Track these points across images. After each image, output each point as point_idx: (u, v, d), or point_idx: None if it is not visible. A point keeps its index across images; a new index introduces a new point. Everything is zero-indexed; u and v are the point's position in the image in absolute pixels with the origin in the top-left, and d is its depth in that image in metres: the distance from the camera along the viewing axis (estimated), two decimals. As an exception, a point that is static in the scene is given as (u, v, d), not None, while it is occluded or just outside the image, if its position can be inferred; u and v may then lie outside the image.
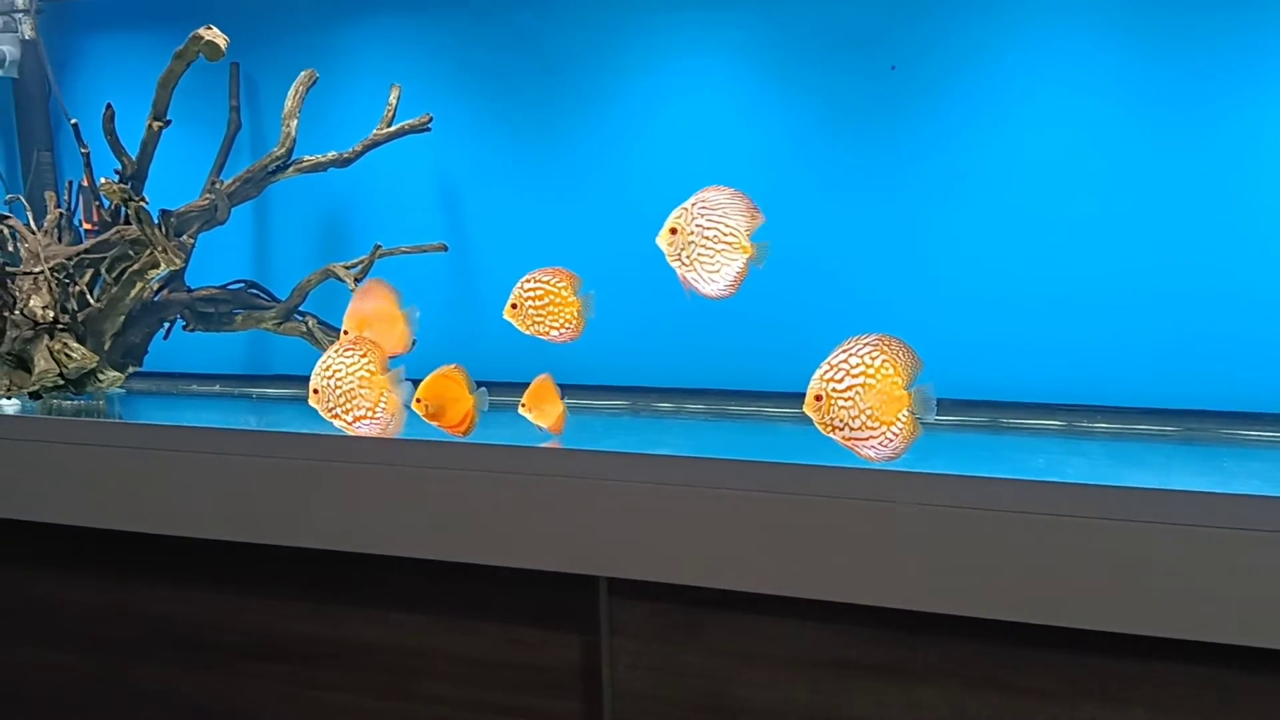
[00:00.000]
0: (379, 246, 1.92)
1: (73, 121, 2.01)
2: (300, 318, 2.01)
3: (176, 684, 1.85)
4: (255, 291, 2.08)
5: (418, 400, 1.60)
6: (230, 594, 1.78)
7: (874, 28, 1.78)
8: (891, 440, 1.39)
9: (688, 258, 1.47)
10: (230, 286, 2.07)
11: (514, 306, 1.61)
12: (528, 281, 1.60)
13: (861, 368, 1.37)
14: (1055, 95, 1.71)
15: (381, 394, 1.61)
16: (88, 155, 2.00)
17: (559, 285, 1.59)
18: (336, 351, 1.62)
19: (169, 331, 2.07)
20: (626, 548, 1.46)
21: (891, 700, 1.40)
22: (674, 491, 1.43)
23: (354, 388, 1.60)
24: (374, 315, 1.71)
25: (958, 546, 1.30)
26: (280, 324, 2.01)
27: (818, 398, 1.39)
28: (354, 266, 1.93)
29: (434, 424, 1.62)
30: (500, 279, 2.01)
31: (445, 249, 1.96)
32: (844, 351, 1.38)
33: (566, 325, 1.61)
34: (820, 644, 1.43)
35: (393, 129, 1.95)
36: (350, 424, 1.62)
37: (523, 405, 1.65)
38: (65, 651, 1.93)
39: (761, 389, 1.87)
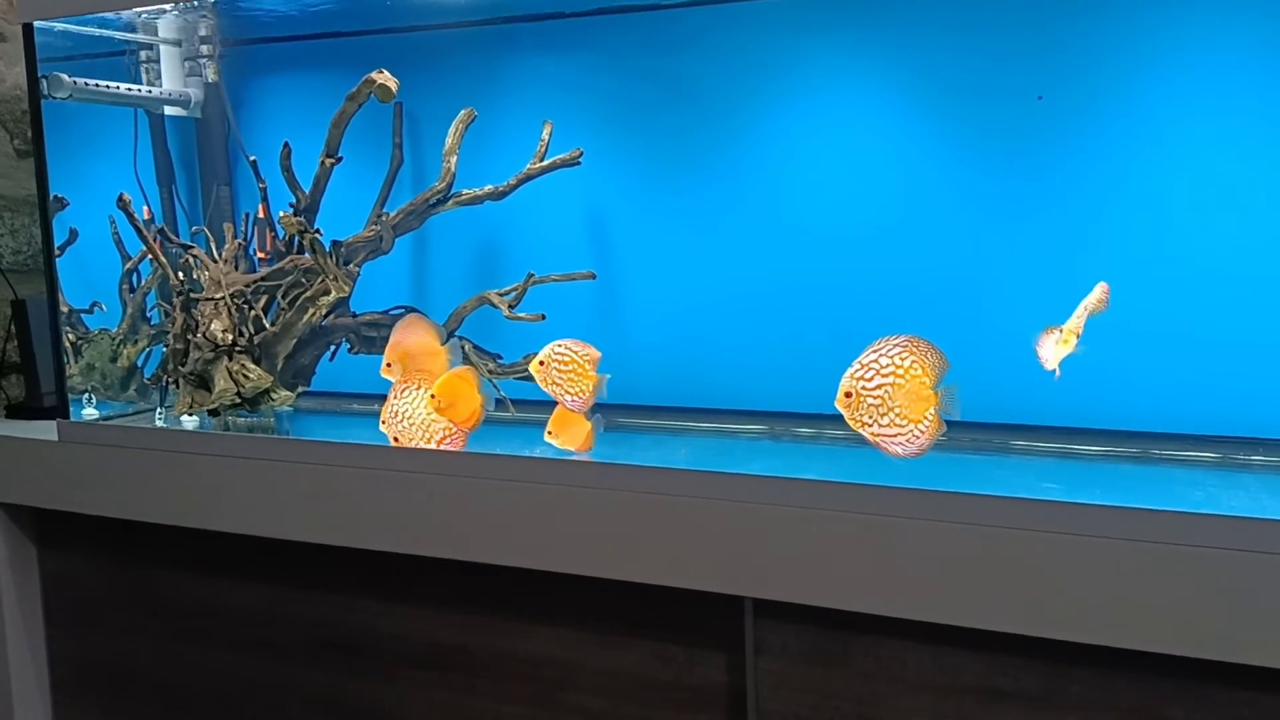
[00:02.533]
0: (532, 275, 2.00)
1: (251, 159, 2.15)
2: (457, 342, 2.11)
3: (337, 688, 1.95)
4: (415, 317, 2.19)
5: (432, 396, 1.75)
6: (391, 603, 1.88)
7: (1020, 54, 1.78)
8: (918, 438, 1.45)
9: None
10: (392, 312, 2.17)
11: (541, 364, 1.70)
12: (559, 345, 1.70)
13: (891, 367, 1.43)
14: (1208, 121, 1.68)
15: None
16: (265, 190, 2.15)
17: (584, 357, 1.70)
18: (395, 396, 1.77)
19: (335, 354, 2.19)
20: (773, 569, 1.50)
21: (1042, 729, 1.39)
22: (820, 515, 1.46)
23: (424, 418, 1.75)
24: (415, 348, 1.82)
25: (1110, 576, 1.30)
26: (438, 348, 2.11)
27: (848, 395, 1.46)
28: (508, 293, 2.01)
29: (445, 417, 1.76)
30: (646, 306, 2.09)
31: (594, 277, 2.03)
32: (874, 351, 1.45)
33: (579, 396, 1.70)
34: (969, 671, 1.43)
35: (545, 163, 2.03)
36: (438, 445, 1.76)
37: (548, 433, 1.74)
38: (235, 653, 2.05)
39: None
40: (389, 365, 1.82)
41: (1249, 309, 1.68)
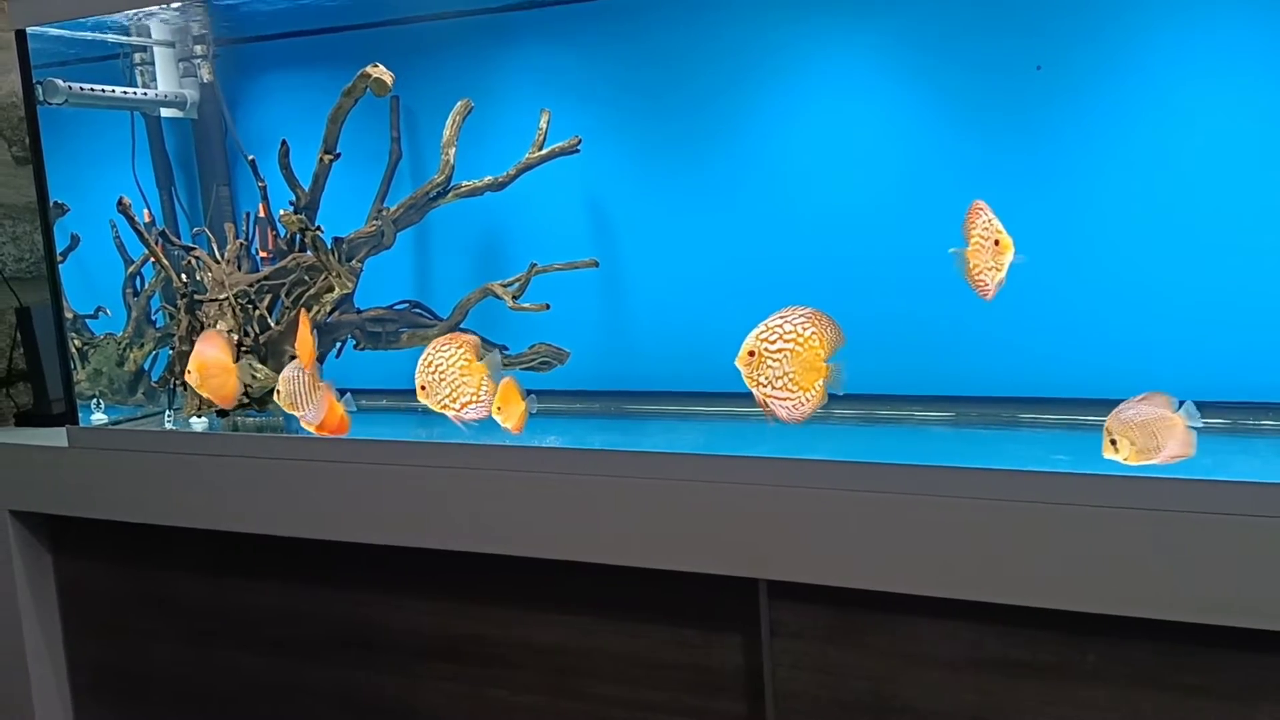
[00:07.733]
0: (535, 264, 2.00)
1: (249, 158, 2.15)
2: (461, 334, 2.11)
3: (355, 684, 1.96)
4: (419, 311, 2.18)
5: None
6: (406, 598, 1.88)
7: (1018, 25, 1.77)
8: (802, 406, 1.49)
9: None
10: (396, 307, 2.18)
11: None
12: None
13: (793, 334, 1.47)
14: (1210, 86, 1.67)
15: (481, 379, 1.75)
16: (264, 188, 2.15)
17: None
18: (434, 349, 1.76)
19: (340, 350, 2.19)
20: (785, 550, 1.50)
21: (1060, 701, 1.40)
22: (831, 494, 1.46)
23: (456, 378, 1.74)
24: (211, 363, 1.94)
25: (1123, 545, 1.30)
26: (443, 341, 2.11)
27: (751, 353, 1.49)
28: (511, 284, 2.01)
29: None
30: (651, 291, 2.09)
31: (597, 265, 2.02)
32: (780, 317, 1.49)
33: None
34: (985, 645, 1.43)
35: (544, 152, 2.02)
36: (459, 411, 1.76)
37: (496, 409, 1.75)
38: (251, 653, 2.06)
39: (909, 393, 1.88)
40: (190, 372, 1.94)
41: (1256, 274, 1.67)
